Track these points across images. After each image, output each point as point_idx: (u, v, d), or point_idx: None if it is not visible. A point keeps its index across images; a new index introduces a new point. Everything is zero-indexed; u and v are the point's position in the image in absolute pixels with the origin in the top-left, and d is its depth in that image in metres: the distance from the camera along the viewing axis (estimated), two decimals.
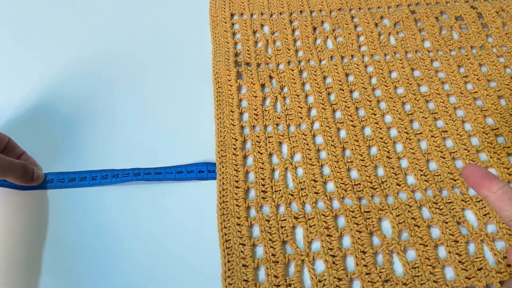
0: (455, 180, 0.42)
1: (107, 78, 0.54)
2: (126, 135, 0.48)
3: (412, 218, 0.40)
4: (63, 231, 0.41)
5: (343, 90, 0.51)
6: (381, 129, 0.47)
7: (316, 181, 0.43)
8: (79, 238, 0.40)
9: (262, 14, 0.61)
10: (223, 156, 0.45)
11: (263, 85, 0.52)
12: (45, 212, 0.42)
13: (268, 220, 0.40)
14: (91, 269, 0.38)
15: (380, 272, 0.37)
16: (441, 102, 0.49)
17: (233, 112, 0.49)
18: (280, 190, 0.42)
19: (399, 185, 0.42)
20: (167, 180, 0.44)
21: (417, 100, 0.50)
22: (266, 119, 0.48)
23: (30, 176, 0.42)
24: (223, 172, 0.44)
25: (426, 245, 0.38)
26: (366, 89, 0.51)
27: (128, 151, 0.47)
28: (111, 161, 0.45)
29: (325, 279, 0.36)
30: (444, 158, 0.44)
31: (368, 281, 0.36)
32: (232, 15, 0.61)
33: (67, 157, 0.46)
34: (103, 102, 0.51)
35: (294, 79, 0.52)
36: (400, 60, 0.54)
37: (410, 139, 0.46)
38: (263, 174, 0.44)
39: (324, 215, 0.40)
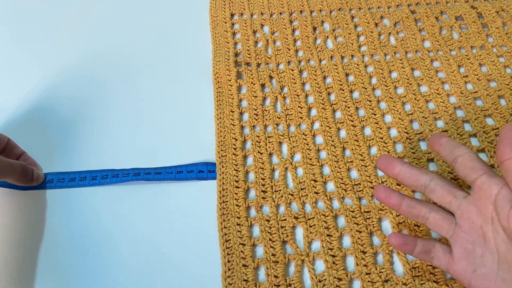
0: (455, 180, 0.42)
1: (107, 79, 0.54)
2: (126, 135, 0.48)
3: None
4: (63, 231, 0.41)
5: (343, 90, 0.51)
6: (381, 129, 0.47)
7: (316, 181, 0.43)
8: (79, 238, 0.40)
9: (262, 14, 0.61)
10: (223, 156, 0.45)
11: (263, 85, 0.52)
12: (45, 212, 0.42)
13: (268, 220, 0.40)
14: (91, 268, 0.38)
15: (380, 272, 0.37)
16: (441, 102, 0.49)
17: (233, 112, 0.49)
18: (280, 190, 0.42)
19: (399, 185, 0.42)
20: (167, 180, 0.44)
21: (417, 100, 0.50)
22: (266, 119, 0.48)
23: (29, 177, 0.42)
24: (223, 172, 0.44)
25: None
26: (366, 89, 0.51)
27: (128, 151, 0.47)
28: (111, 161, 0.45)
29: (325, 279, 0.36)
30: None
31: (368, 281, 0.36)
32: (232, 15, 0.61)
33: (67, 157, 0.46)
34: (103, 102, 0.51)
35: (294, 79, 0.52)
36: (400, 60, 0.54)
37: (410, 139, 0.46)
38: (263, 174, 0.44)
39: (324, 215, 0.40)
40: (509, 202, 0.29)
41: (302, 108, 0.49)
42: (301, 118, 0.48)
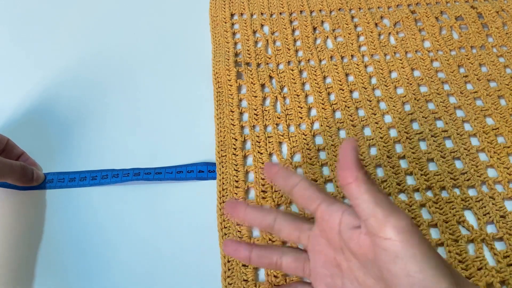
0: (455, 180, 0.42)
1: (107, 78, 0.54)
2: (126, 135, 0.48)
3: (412, 218, 0.40)
4: (63, 231, 0.41)
5: (343, 90, 0.51)
6: (381, 129, 0.47)
7: (316, 181, 0.43)
8: (78, 238, 0.40)
9: (262, 14, 0.61)
10: (223, 156, 0.45)
11: (263, 85, 0.52)
12: (45, 212, 0.42)
13: None
14: (91, 268, 0.38)
15: None
16: (441, 102, 0.49)
17: (233, 112, 0.49)
18: (280, 190, 0.42)
19: (399, 185, 0.42)
20: (167, 180, 0.44)
21: (417, 100, 0.50)
22: (266, 119, 0.48)
23: (29, 177, 0.42)
24: (223, 172, 0.44)
25: None
26: (366, 89, 0.51)
27: (128, 151, 0.47)
28: (111, 161, 0.45)
29: None
30: (444, 158, 0.44)
31: None
32: (232, 15, 0.61)
33: (67, 157, 0.46)
34: (103, 102, 0.51)
35: (294, 79, 0.52)
36: (400, 60, 0.54)
37: (410, 139, 0.46)
38: (263, 174, 0.44)
39: None
40: (354, 229, 0.28)
41: (302, 108, 0.49)
42: (301, 118, 0.48)
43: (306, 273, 0.32)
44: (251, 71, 0.53)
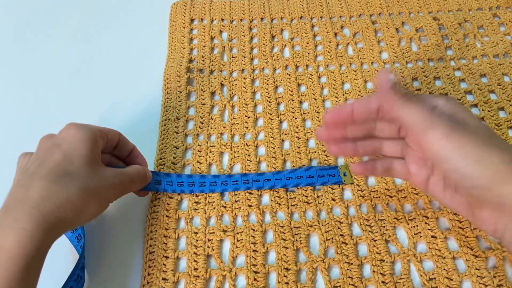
0: (391, 197, 0.42)
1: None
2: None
3: (341, 235, 0.39)
4: None
5: (293, 100, 0.50)
6: None
7: (252, 194, 0.42)
8: None
9: (222, 20, 0.60)
10: (162, 165, 0.44)
11: (213, 93, 0.51)
12: None
13: (196, 233, 0.39)
14: None
15: None
16: None
17: (179, 119, 0.48)
18: (213, 202, 0.42)
19: (334, 200, 0.41)
20: (278, 187, 0.42)
21: None
22: (211, 128, 0.48)
23: (147, 181, 0.40)
24: None
25: (351, 263, 0.37)
26: (316, 100, 0.50)
27: None
28: None
29: None
30: None
31: None
32: (192, 20, 0.61)
33: None
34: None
35: (245, 87, 0.52)
36: (355, 71, 0.53)
37: None
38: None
39: (253, 229, 0.39)
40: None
41: (249, 117, 0.49)
42: (247, 128, 0.48)
43: (403, 154, 0.36)
44: (202, 78, 0.52)
